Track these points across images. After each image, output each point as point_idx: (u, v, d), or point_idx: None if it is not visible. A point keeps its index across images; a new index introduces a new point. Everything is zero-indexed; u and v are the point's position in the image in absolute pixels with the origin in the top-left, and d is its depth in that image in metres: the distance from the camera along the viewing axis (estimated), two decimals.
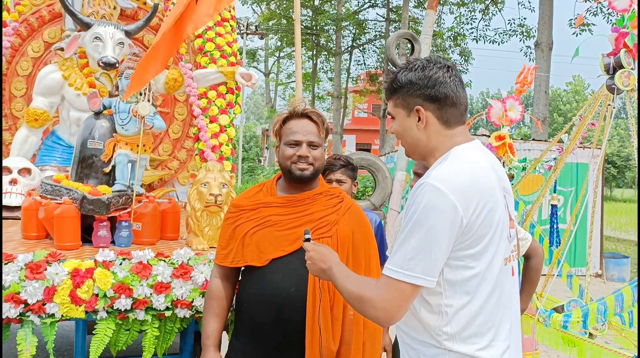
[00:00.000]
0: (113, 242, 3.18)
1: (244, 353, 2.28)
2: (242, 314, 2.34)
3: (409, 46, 8.62)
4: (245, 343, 2.29)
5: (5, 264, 2.53)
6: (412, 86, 1.69)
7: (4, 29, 4.77)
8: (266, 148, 31.49)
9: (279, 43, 26.58)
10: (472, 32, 20.34)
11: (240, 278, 2.42)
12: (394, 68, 8.63)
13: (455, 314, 1.57)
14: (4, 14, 4.85)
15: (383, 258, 3.08)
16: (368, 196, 10.04)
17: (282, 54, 28.34)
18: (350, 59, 25.26)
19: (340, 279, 1.72)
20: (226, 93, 5.05)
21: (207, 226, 3.18)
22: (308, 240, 1.92)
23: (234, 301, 2.43)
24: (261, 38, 24.98)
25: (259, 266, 2.23)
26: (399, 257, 1.56)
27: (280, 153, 2.31)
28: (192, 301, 2.70)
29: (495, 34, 19.74)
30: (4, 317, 2.49)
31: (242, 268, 2.37)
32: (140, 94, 3.30)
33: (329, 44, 24.22)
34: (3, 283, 2.47)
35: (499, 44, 20.09)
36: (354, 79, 27.06)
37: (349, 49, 24.58)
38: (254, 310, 2.25)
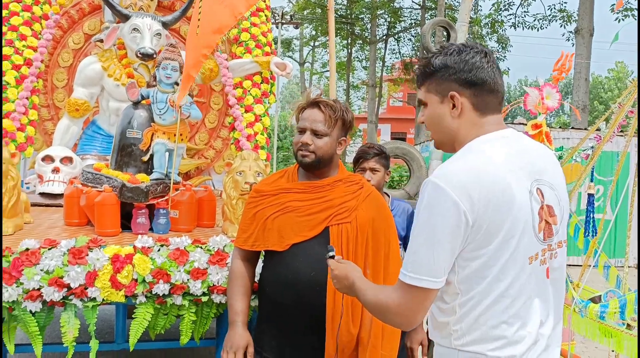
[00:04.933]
0: (151, 229, 3.26)
1: (270, 337, 2.32)
2: (264, 298, 2.38)
3: (445, 33, 8.50)
4: (270, 327, 2.33)
5: (49, 249, 2.61)
6: (447, 70, 1.59)
7: (46, 22, 4.89)
8: None
9: (313, 32, 26.55)
10: (510, 19, 19.95)
11: (264, 264, 2.46)
12: (429, 52, 8.53)
13: (467, 313, 1.50)
14: (46, 6, 4.98)
15: None
16: (403, 185, 10.01)
17: (316, 43, 28.31)
18: (385, 47, 25.07)
19: (361, 292, 1.69)
20: (261, 83, 5.09)
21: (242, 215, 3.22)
22: (332, 256, 1.91)
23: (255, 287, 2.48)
24: (296, 27, 24.92)
25: (279, 251, 2.26)
26: (407, 260, 1.51)
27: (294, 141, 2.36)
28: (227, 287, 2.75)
29: (535, 20, 19.30)
30: (47, 300, 2.58)
31: (263, 252, 2.42)
32: (177, 84, 3.36)
33: (363, 32, 24.06)
34: (47, 267, 2.56)
35: (538, 30, 19.65)
36: (389, 67, 26.87)
37: (384, 37, 24.38)
38: (275, 294, 2.28)
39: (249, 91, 5.00)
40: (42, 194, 4.26)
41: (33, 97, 4.64)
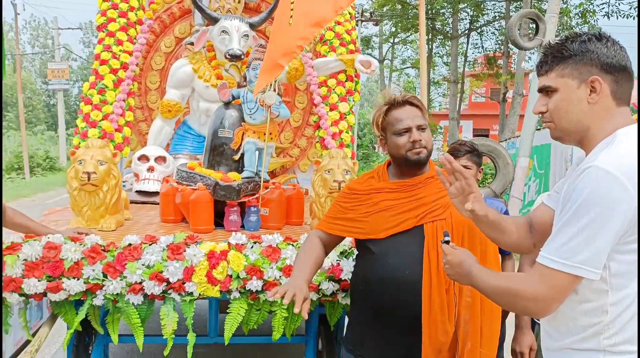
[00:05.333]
0: (242, 226, 3.33)
1: (363, 336, 2.31)
2: (358, 298, 2.37)
3: (533, 25, 8.18)
4: (364, 327, 2.32)
5: (150, 245, 2.73)
6: (588, 54, 1.52)
7: (140, 27, 5.11)
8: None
9: (393, 29, 26.33)
10: (602, 8, 18.95)
11: (354, 263, 2.45)
12: (517, 45, 8.19)
13: (622, 312, 1.44)
14: (140, 12, 5.20)
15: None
16: (488, 183, 9.74)
17: (396, 40, 28.05)
18: (468, 42, 24.47)
19: (482, 279, 1.65)
20: (345, 81, 5.08)
21: None
22: (447, 242, 1.88)
23: (350, 285, 2.48)
24: (376, 24, 24.82)
25: (373, 247, 2.24)
26: (556, 245, 1.45)
27: (391, 143, 2.30)
28: (319, 285, 2.77)
29: (630, 8, 18.23)
30: (148, 293, 2.69)
31: (356, 252, 2.42)
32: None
33: (444, 27, 23.61)
34: (148, 262, 2.68)
35: (634, 19, 18.54)
36: (471, 62, 26.23)
37: (466, 31, 23.83)
38: (370, 293, 2.26)
39: (333, 89, 5.00)
40: (139, 192, 4.45)
41: (129, 100, 4.85)
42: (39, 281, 2.64)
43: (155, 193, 4.45)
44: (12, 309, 2.78)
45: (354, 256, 2.75)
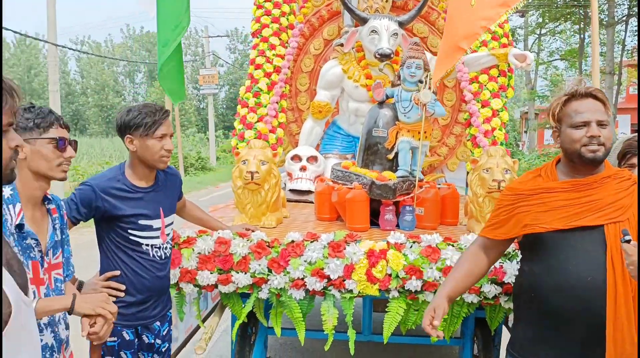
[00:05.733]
0: (397, 225, 3.33)
1: (537, 344, 2.19)
2: (529, 303, 2.24)
3: None
4: (537, 334, 2.20)
5: (311, 242, 2.81)
6: None
7: (292, 31, 5.30)
8: (525, 131, 29.93)
9: (539, 19, 24.96)
10: None
11: (525, 266, 2.33)
12: None
13: None
14: (291, 17, 5.39)
15: None
16: None
17: (543, 31, 26.55)
18: (626, 29, 22.53)
19: None
20: (498, 76, 4.89)
21: (489, 213, 3.11)
22: (628, 241, 1.75)
23: (515, 288, 2.36)
24: (522, 16, 23.67)
25: (546, 250, 2.11)
26: None
27: (566, 137, 2.15)
28: (480, 287, 2.69)
29: None
30: (310, 289, 2.77)
31: (522, 254, 2.30)
32: (421, 82, 3.38)
33: (599, 14, 21.95)
34: (310, 259, 2.76)
35: None
36: (629, 51, 24.10)
37: (624, 18, 21.94)
38: (543, 299, 2.13)
39: (485, 85, 4.84)
40: (292, 190, 4.61)
41: (282, 102, 5.05)
42: (211, 273, 2.82)
43: (308, 192, 4.58)
44: (186, 298, 3.00)
45: (518, 259, 2.63)
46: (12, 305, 1.17)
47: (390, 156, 3.47)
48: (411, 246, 2.77)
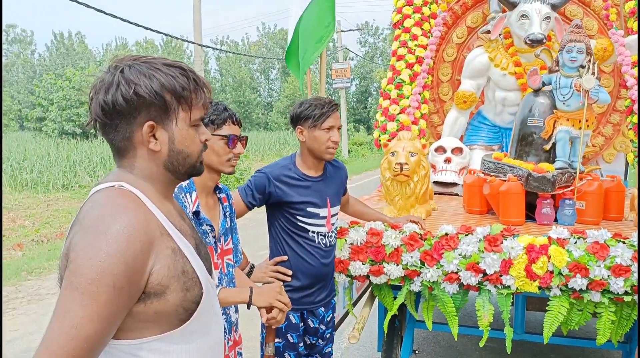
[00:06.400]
0: (556, 220, 3.15)
1: None
2: None
3: None
4: None
5: (466, 235, 2.73)
6: None
7: (434, 21, 5.19)
8: None
9: None
10: None
11: None
12: None
13: None
14: (434, 6, 5.28)
15: None
16: None
17: None
18: None
19: None
20: None
21: None
22: None
23: None
24: None
25: None
26: None
27: None
28: None
29: None
30: (464, 283, 2.70)
31: None
32: (583, 67, 3.16)
33: None
34: (465, 252, 2.68)
35: None
36: None
37: None
38: None
39: None
40: (436, 182, 4.52)
41: (424, 93, 4.97)
42: (363, 264, 2.84)
43: (452, 184, 4.47)
44: (337, 287, 3.05)
45: None
46: (203, 287, 1.24)
47: (547, 147, 3.28)
48: (575, 242, 2.60)
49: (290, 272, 2.60)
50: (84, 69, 32.81)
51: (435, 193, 4.44)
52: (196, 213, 1.97)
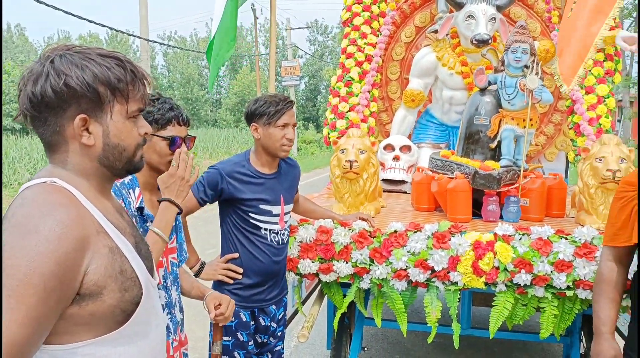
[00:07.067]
0: (501, 217, 3.21)
1: None
2: None
3: None
4: None
5: (414, 233, 2.75)
6: None
7: (383, 19, 5.22)
8: (618, 120, 28.36)
9: (636, 1, 23.50)
10: None
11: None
12: None
13: None
14: (382, 4, 5.30)
15: None
16: None
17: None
18: None
19: None
20: (604, 60, 4.62)
21: (601, 205, 2.95)
22: None
23: (633, 286, 2.21)
24: None
25: None
26: None
27: None
28: None
29: None
30: (413, 280, 2.72)
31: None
32: (527, 68, 3.23)
33: None
34: (413, 249, 2.70)
35: None
36: None
37: None
38: None
39: (590, 70, 4.58)
40: (385, 180, 4.55)
41: (373, 91, 5.00)
42: (312, 262, 2.82)
43: (401, 182, 4.51)
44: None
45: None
46: (143, 287, 1.19)
47: (493, 145, 3.34)
48: (520, 239, 2.66)
49: (240, 270, 2.57)
50: (24, 62, 31.65)
51: (384, 191, 4.46)
52: (140, 209, 1.91)
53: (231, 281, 2.58)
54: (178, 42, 54.88)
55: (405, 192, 4.45)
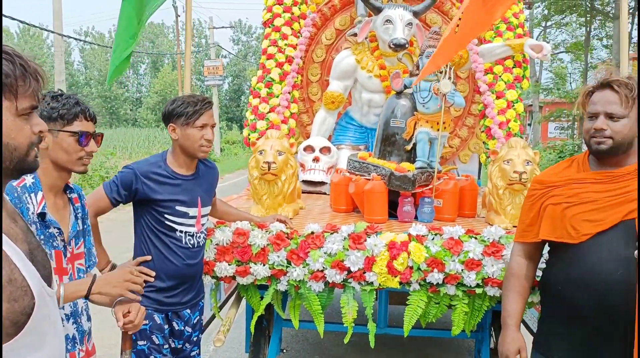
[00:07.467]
0: (416, 217, 3.28)
1: (559, 337, 2.15)
2: (554, 297, 2.21)
3: None
4: (560, 327, 2.16)
5: (331, 234, 2.77)
6: None
7: (304, 21, 5.23)
8: (529, 124, 29.83)
9: (545, 12, 24.81)
10: None
11: (548, 257, 2.29)
12: None
13: None
14: (303, 6, 5.32)
15: None
16: None
17: (548, 24, 26.38)
18: (633, 22, 22.37)
19: None
20: (513, 67, 4.83)
21: (509, 205, 3.09)
22: None
23: (541, 283, 2.33)
24: (528, 8, 23.49)
25: (572, 244, 2.07)
26: None
27: (583, 127, 2.14)
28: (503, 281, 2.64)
29: None
30: (330, 281, 2.74)
31: (549, 248, 2.25)
32: (441, 72, 3.32)
33: (605, 7, 21.79)
34: (330, 251, 2.72)
35: None
36: (634, 44, 23.95)
37: (632, 10, 21.76)
38: (570, 293, 2.09)
39: (500, 76, 4.78)
40: (304, 181, 4.56)
41: (294, 92, 5.00)
42: (229, 265, 2.79)
43: (320, 183, 4.54)
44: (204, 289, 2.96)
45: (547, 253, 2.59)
46: (35, 297, 1.12)
47: (409, 147, 3.42)
48: (433, 239, 2.73)
49: (153, 273, 2.49)
50: None
51: (303, 192, 4.48)
52: (42, 215, 1.81)
53: (143, 284, 2.49)
54: (96, 38, 52.89)
55: (325, 193, 4.48)
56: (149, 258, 2.51)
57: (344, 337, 2.87)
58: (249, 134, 4.85)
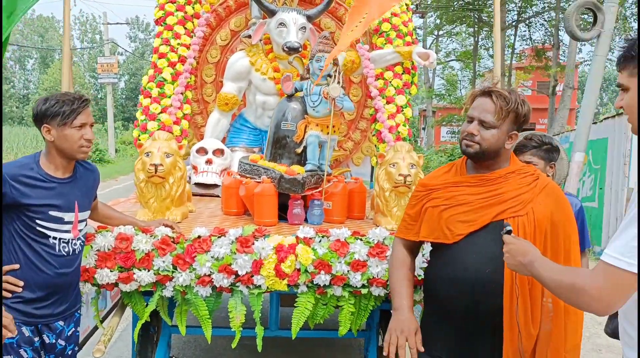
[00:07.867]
0: (306, 220, 3.31)
1: (435, 333, 2.25)
2: (431, 294, 2.31)
3: (585, 17, 7.96)
4: (438, 326, 2.26)
5: (218, 238, 2.73)
6: None
7: (197, 20, 5.13)
8: (423, 128, 31.06)
9: (437, 21, 25.96)
10: None
11: (428, 257, 2.39)
12: (574, 37, 7.95)
13: None
14: (197, 6, 5.22)
15: (583, 246, 2.89)
16: None
17: (440, 32, 27.63)
18: (515, 33, 23.92)
19: (545, 271, 1.70)
20: (402, 73, 4.99)
21: (395, 207, 3.19)
22: (509, 232, 1.93)
23: (424, 282, 2.43)
24: (421, 17, 24.49)
25: (448, 244, 2.18)
26: (620, 243, 1.46)
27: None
28: (387, 280, 2.72)
29: None
30: (217, 285, 2.70)
31: (430, 248, 2.35)
32: (330, 77, 3.38)
33: (491, 19, 23.16)
34: (217, 255, 2.68)
35: None
36: (518, 55, 25.63)
37: (514, 23, 23.28)
38: (444, 291, 2.20)
39: (390, 82, 4.93)
40: (197, 184, 4.48)
41: (187, 93, 4.89)
42: (111, 271, 2.68)
43: (214, 186, 4.47)
44: (85, 298, 2.83)
45: (424, 252, 2.69)
46: None
47: (299, 150, 3.45)
48: (320, 241, 2.76)
49: (21, 283, 2.33)
50: None
51: (196, 195, 4.40)
52: None
53: (9, 295, 2.33)
54: None
55: (218, 196, 4.41)
56: (16, 266, 2.33)
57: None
58: (139, 135, 4.69)
